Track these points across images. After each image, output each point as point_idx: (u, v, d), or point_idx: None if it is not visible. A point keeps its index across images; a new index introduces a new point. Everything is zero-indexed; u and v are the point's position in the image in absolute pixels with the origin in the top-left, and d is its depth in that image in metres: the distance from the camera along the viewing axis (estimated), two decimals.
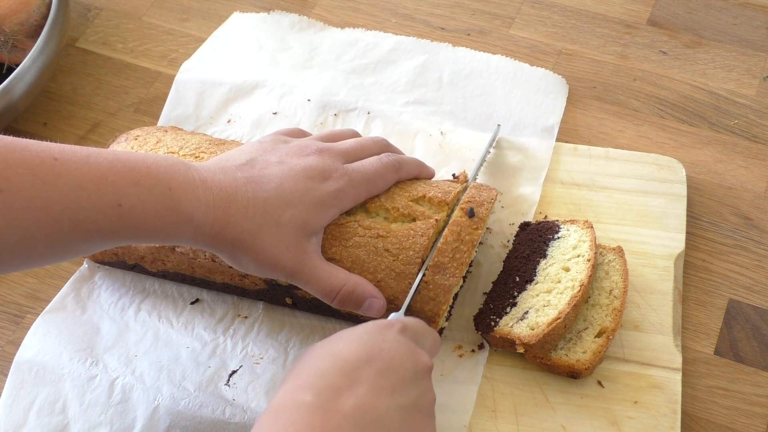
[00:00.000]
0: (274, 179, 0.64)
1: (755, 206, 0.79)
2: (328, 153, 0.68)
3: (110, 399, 0.69)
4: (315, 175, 0.65)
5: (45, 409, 0.69)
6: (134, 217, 0.57)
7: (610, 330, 0.68)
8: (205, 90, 0.88)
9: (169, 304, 0.75)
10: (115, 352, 0.72)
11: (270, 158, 0.66)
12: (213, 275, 0.73)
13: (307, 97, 0.87)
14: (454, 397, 0.68)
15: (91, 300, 0.76)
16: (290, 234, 0.63)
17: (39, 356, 0.72)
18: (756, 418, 0.68)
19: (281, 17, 0.96)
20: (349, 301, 0.65)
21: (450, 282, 0.66)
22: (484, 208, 0.69)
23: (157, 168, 0.59)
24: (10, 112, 0.83)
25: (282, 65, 0.91)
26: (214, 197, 0.61)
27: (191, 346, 0.72)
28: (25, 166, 0.54)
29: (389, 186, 0.70)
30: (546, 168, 0.80)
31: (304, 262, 0.64)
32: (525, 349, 0.66)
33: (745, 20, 0.93)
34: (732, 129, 0.85)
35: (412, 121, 0.85)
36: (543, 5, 0.96)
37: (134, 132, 0.79)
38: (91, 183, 0.56)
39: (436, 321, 0.67)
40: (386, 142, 0.74)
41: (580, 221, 0.73)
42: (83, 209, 0.56)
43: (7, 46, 0.87)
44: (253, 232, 0.62)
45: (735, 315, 0.73)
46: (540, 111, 0.85)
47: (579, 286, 0.68)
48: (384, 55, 0.91)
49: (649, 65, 0.90)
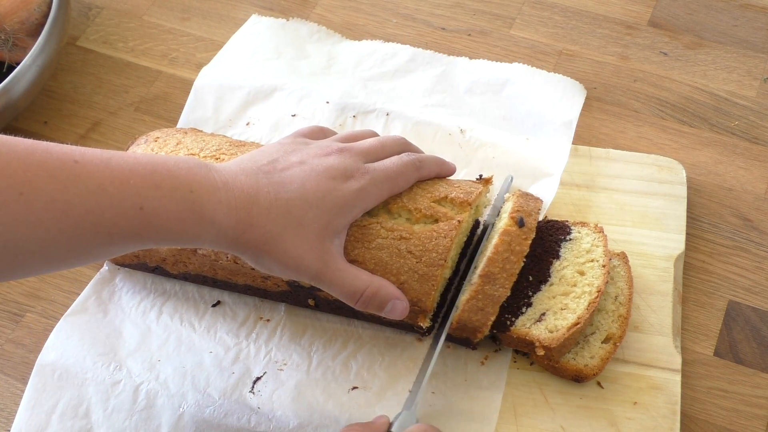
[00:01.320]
0: (296, 180, 0.63)
1: (755, 208, 0.79)
2: (348, 152, 0.67)
3: (135, 405, 0.69)
4: (337, 175, 0.64)
5: (68, 412, 0.69)
6: (156, 220, 0.57)
7: (617, 337, 0.68)
8: (224, 93, 0.88)
9: (191, 307, 0.75)
10: (138, 356, 0.72)
11: (291, 159, 0.65)
12: (235, 277, 0.73)
13: (326, 100, 0.87)
14: (478, 405, 0.68)
15: (113, 303, 0.76)
16: (313, 235, 0.62)
17: (62, 359, 0.72)
18: (755, 419, 0.68)
19: (300, 25, 0.96)
20: (373, 303, 0.65)
21: (499, 293, 0.66)
22: (532, 218, 0.69)
23: (178, 171, 0.58)
24: (10, 110, 0.83)
25: (300, 72, 0.91)
26: (236, 199, 0.60)
27: (214, 351, 0.72)
28: (45, 168, 0.53)
29: (411, 184, 0.69)
30: (562, 169, 0.80)
31: (327, 264, 0.63)
32: (544, 352, 0.66)
33: (746, 22, 0.93)
34: (732, 130, 0.85)
35: (431, 121, 0.84)
36: (544, 6, 0.96)
37: (154, 134, 0.79)
38: (113, 186, 0.55)
39: (482, 331, 0.66)
40: (406, 141, 0.73)
41: (590, 224, 0.73)
42: (104, 212, 0.55)
43: (7, 45, 0.87)
44: (276, 234, 0.61)
45: (735, 316, 0.73)
46: (557, 112, 0.85)
47: (596, 291, 0.68)
48: (402, 65, 0.91)
49: (649, 66, 0.90)
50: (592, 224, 0.73)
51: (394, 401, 0.68)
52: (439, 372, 0.70)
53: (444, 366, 0.70)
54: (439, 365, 0.70)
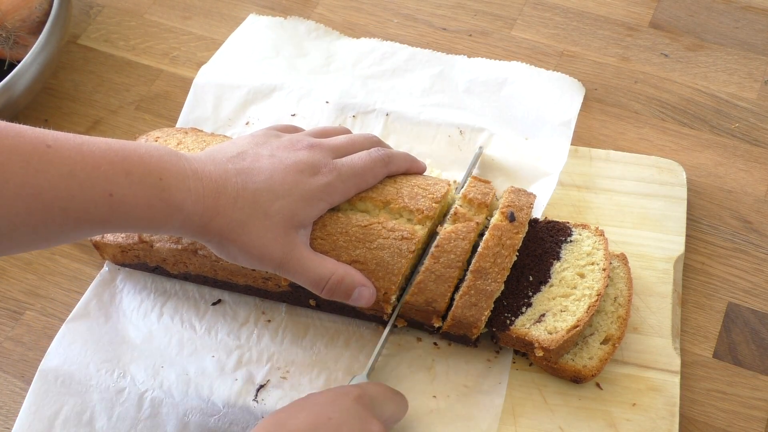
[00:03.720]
0: (264, 172, 0.64)
1: (755, 210, 0.79)
2: (318, 148, 0.68)
3: (140, 413, 0.69)
4: (305, 169, 0.65)
5: (71, 419, 0.69)
6: (125, 206, 0.58)
7: (616, 338, 0.68)
8: (224, 93, 0.88)
9: (191, 307, 0.75)
10: (142, 362, 0.72)
11: (261, 151, 0.66)
12: (235, 277, 0.73)
13: (326, 99, 0.87)
14: (479, 410, 0.68)
15: (114, 306, 0.76)
16: (279, 225, 0.63)
17: (65, 365, 0.72)
18: (754, 421, 0.68)
19: (298, 24, 0.96)
20: (339, 291, 0.65)
21: (492, 287, 0.66)
22: (524, 213, 0.69)
23: (149, 158, 0.59)
24: (11, 108, 0.83)
25: (300, 70, 0.91)
26: (204, 188, 0.61)
27: (216, 355, 0.72)
28: (17, 152, 0.54)
29: (379, 180, 0.70)
30: (561, 168, 0.80)
31: (292, 253, 0.64)
32: (543, 353, 0.66)
33: (747, 24, 0.93)
34: (733, 132, 0.85)
35: (431, 122, 0.85)
36: (545, 7, 0.96)
37: (154, 133, 0.79)
38: (83, 172, 0.56)
39: (477, 326, 0.66)
40: (377, 138, 0.74)
41: (591, 227, 0.73)
42: (74, 198, 0.56)
43: (8, 43, 0.87)
44: (242, 223, 0.62)
45: (734, 318, 0.73)
46: (556, 111, 0.85)
47: (596, 295, 0.68)
48: (400, 64, 0.91)
49: (650, 68, 0.90)
50: (593, 227, 0.73)
51: None
52: (441, 375, 0.70)
53: (446, 369, 0.70)
54: (441, 368, 0.70)
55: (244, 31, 0.96)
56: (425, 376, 0.70)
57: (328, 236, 0.67)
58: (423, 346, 0.72)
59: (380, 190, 0.69)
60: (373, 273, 0.66)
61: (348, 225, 0.67)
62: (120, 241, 0.73)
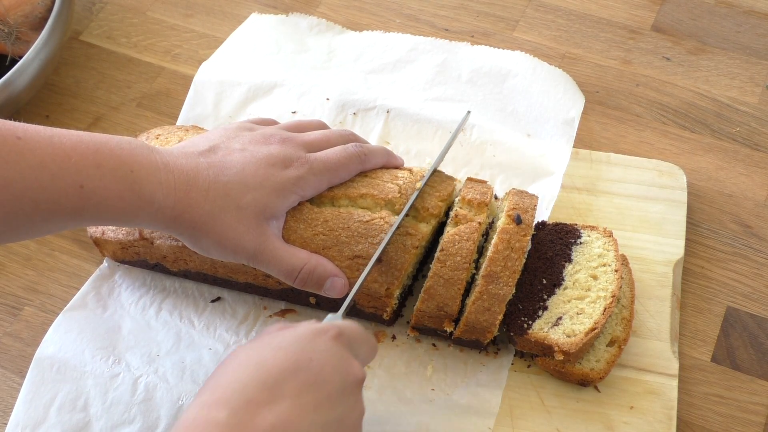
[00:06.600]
0: (236, 165, 0.64)
1: (755, 214, 0.79)
2: (291, 142, 0.68)
3: (133, 397, 0.69)
4: (276, 162, 0.66)
5: (66, 405, 0.69)
6: (96, 198, 0.58)
7: (622, 339, 0.68)
8: (224, 90, 0.88)
9: (190, 304, 0.75)
10: (137, 350, 0.72)
11: (233, 145, 0.66)
12: (236, 275, 0.73)
13: (326, 96, 0.87)
14: (478, 400, 0.68)
15: (112, 298, 0.76)
16: (251, 217, 0.64)
17: (60, 353, 0.72)
18: (751, 426, 0.68)
19: (299, 19, 0.96)
20: (311, 281, 0.66)
21: (504, 291, 0.66)
22: (529, 215, 0.69)
23: (120, 150, 0.59)
24: (12, 104, 0.83)
25: (300, 66, 0.91)
26: (175, 180, 0.61)
27: (213, 347, 0.72)
28: None
29: (353, 175, 0.70)
30: (564, 168, 0.80)
31: (264, 244, 0.64)
32: (563, 357, 0.66)
33: (750, 28, 0.93)
34: (734, 136, 0.85)
35: (432, 119, 0.84)
36: (547, 9, 0.96)
37: (155, 131, 0.79)
38: (54, 163, 0.56)
39: (491, 331, 0.66)
40: (352, 134, 0.74)
41: (599, 228, 0.73)
42: (45, 189, 0.56)
43: (10, 38, 0.87)
44: (213, 215, 0.62)
45: (732, 322, 0.73)
46: (559, 108, 0.85)
47: (611, 296, 0.68)
48: (403, 55, 0.91)
49: (652, 71, 0.90)
50: (601, 228, 0.73)
51: (393, 398, 0.69)
52: (440, 370, 0.70)
53: (444, 365, 0.70)
54: (439, 364, 0.70)
55: (246, 28, 0.96)
56: (423, 374, 0.70)
57: (330, 232, 0.67)
58: (422, 347, 0.72)
59: (382, 187, 0.69)
60: (375, 268, 0.66)
61: (350, 220, 0.67)
62: (120, 238, 0.73)
